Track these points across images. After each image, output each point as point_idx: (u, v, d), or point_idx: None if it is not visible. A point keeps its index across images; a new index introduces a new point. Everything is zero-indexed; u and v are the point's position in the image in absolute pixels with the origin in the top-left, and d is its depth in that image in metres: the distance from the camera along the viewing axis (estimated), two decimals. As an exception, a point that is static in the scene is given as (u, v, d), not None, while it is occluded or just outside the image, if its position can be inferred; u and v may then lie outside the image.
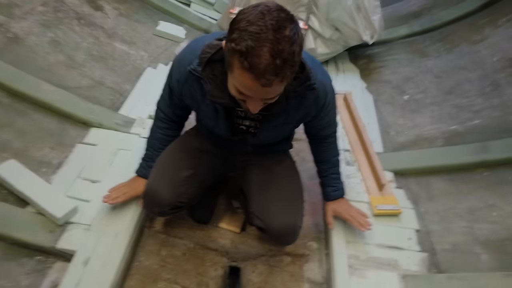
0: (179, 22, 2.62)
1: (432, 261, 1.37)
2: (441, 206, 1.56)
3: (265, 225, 1.23)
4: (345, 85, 2.35)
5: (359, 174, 1.71)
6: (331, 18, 2.29)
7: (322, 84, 1.09)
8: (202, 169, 1.31)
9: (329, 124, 1.27)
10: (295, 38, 0.78)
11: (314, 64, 1.08)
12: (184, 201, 1.26)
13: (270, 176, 1.31)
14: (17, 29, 1.86)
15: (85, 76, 1.90)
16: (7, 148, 1.46)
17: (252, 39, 0.76)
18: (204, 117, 1.19)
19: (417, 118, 2.02)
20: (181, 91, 1.16)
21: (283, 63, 0.77)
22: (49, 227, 1.29)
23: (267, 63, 0.77)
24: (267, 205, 1.24)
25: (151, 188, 1.24)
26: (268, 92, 0.86)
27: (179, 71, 1.12)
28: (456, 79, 2.16)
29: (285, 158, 1.41)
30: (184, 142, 1.37)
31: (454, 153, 1.71)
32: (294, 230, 1.24)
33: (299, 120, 1.19)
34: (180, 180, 1.25)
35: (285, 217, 1.22)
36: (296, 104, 1.09)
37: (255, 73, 0.78)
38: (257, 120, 1.17)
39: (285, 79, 0.82)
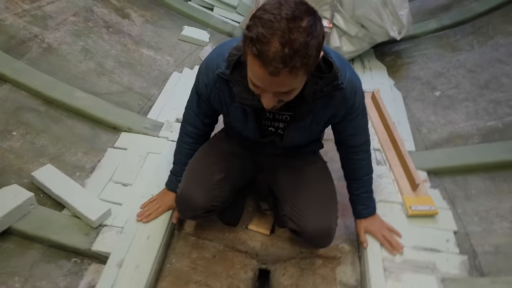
0: (203, 26, 2.65)
1: (473, 264, 1.30)
2: (480, 206, 1.48)
3: (299, 228, 1.20)
4: (373, 83, 2.29)
5: (390, 173, 1.65)
6: (357, 15, 2.25)
7: (350, 83, 1.06)
8: (233, 172, 1.31)
9: (359, 130, 1.23)
10: (311, 30, 0.76)
11: (342, 63, 1.05)
12: (217, 204, 1.26)
13: (302, 178, 1.29)
14: (51, 39, 1.94)
15: (114, 82, 1.95)
16: (44, 153, 1.52)
17: (263, 26, 0.76)
18: (233, 119, 1.19)
19: (450, 114, 1.94)
20: (209, 96, 1.17)
21: (292, 53, 0.75)
22: (84, 230, 1.32)
23: (275, 51, 0.75)
24: (301, 208, 1.21)
25: (184, 193, 1.24)
26: (278, 84, 0.83)
27: (207, 76, 1.12)
28: (491, 73, 2.06)
29: (317, 159, 1.38)
30: (214, 146, 1.37)
31: (493, 150, 1.63)
32: (329, 233, 1.21)
33: (327, 121, 1.16)
34: (212, 184, 1.25)
35: (320, 219, 1.19)
36: (324, 104, 1.07)
37: (262, 59, 0.77)
38: (285, 122, 1.16)
39: (295, 70, 0.79)
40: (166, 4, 2.66)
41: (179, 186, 1.28)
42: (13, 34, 1.85)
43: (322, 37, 0.81)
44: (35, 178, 1.39)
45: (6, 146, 1.48)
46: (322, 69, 0.99)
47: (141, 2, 2.56)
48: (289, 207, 1.25)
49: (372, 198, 1.36)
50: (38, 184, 1.40)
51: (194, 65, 2.29)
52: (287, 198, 1.27)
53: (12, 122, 1.56)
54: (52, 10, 2.07)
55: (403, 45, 2.62)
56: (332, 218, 1.23)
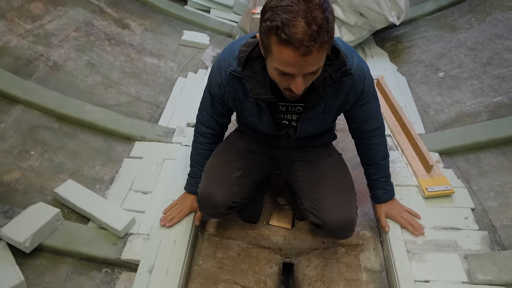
0: (202, 29, 2.67)
1: (494, 239, 1.33)
2: (495, 182, 1.50)
3: (321, 221, 1.23)
4: (376, 70, 2.31)
5: (403, 158, 1.68)
6: (354, 4, 2.26)
7: (359, 69, 1.09)
8: (251, 168, 1.34)
9: (371, 116, 1.24)
10: (325, 5, 0.81)
11: (349, 50, 1.08)
12: (238, 201, 1.29)
13: (319, 172, 1.31)
14: (56, 57, 1.96)
15: (122, 93, 1.98)
16: (64, 169, 1.55)
17: (285, 11, 0.79)
18: (249, 115, 1.22)
19: (456, 94, 1.96)
20: (223, 95, 1.20)
21: (319, 28, 0.80)
22: (112, 240, 1.36)
23: (304, 31, 0.79)
24: (321, 201, 1.24)
25: (205, 192, 1.27)
26: (310, 63, 0.86)
27: (220, 75, 1.16)
28: (493, 49, 2.07)
29: (331, 152, 1.41)
30: (230, 145, 1.40)
31: (502, 126, 1.65)
32: (350, 223, 1.23)
33: (339, 109, 1.18)
34: (232, 181, 1.28)
35: (341, 211, 1.22)
36: (334, 92, 1.10)
37: (293, 43, 0.80)
38: (298, 113, 1.18)
39: (324, 45, 0.83)
40: (163, 10, 2.68)
41: (199, 186, 1.31)
42: (19, 55, 1.87)
43: (332, 10, 0.85)
44: (58, 194, 1.42)
45: (26, 166, 1.51)
46: (330, 56, 1.01)
47: (139, 11, 2.58)
48: (309, 201, 1.27)
49: (390, 182, 1.38)
50: (62, 200, 1.44)
51: (198, 69, 2.31)
52: (306, 192, 1.30)
53: (29, 142, 1.59)
54: (54, 27, 2.10)
55: (402, 29, 2.63)
56: (352, 209, 1.25)
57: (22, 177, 1.47)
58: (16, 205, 1.35)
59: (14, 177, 1.45)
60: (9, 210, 1.32)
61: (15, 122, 1.63)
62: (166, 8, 2.70)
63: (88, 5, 2.37)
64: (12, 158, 1.51)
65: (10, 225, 1.25)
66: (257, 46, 1.02)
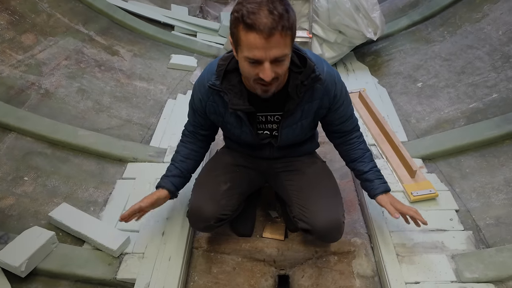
0: (189, 52, 2.76)
1: (479, 238, 1.38)
2: (476, 183, 1.57)
3: (310, 226, 1.27)
4: (358, 83, 2.41)
5: (388, 165, 1.74)
6: (333, 23, 2.38)
7: (329, 75, 1.18)
8: (239, 181, 1.39)
9: (347, 117, 1.30)
10: (287, 2, 0.95)
11: (317, 59, 1.18)
12: (227, 213, 1.32)
13: (305, 179, 1.37)
14: (48, 85, 2.02)
15: (113, 117, 2.03)
16: (57, 193, 1.57)
17: (250, 3, 0.93)
18: (230, 128, 1.28)
19: (435, 102, 2.06)
20: (205, 109, 1.27)
21: (279, 16, 0.92)
22: (107, 261, 1.37)
23: (266, 16, 0.91)
24: (308, 207, 1.29)
25: (194, 206, 1.31)
26: (274, 46, 0.94)
27: (200, 91, 1.24)
28: (465, 59, 2.19)
29: (315, 160, 1.46)
30: (217, 160, 1.46)
31: (479, 130, 1.73)
32: (338, 225, 1.27)
33: (316, 114, 1.24)
34: (220, 194, 1.32)
35: (328, 214, 1.26)
36: (309, 98, 1.17)
37: (257, 26, 0.91)
38: (277, 122, 1.25)
39: (285, 31, 0.93)
40: (151, 36, 2.77)
41: (189, 201, 1.34)
42: (11, 84, 1.92)
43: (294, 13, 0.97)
44: (52, 218, 1.44)
45: (20, 192, 1.53)
46: (298, 64, 1.12)
47: (127, 38, 2.66)
48: (297, 208, 1.32)
49: (381, 174, 1.36)
50: (56, 223, 1.45)
51: (187, 90, 2.38)
52: (294, 200, 1.34)
53: (22, 168, 1.62)
54: (45, 57, 2.16)
55: (380, 44, 2.76)
56: (339, 211, 1.29)
57: (16, 203, 1.48)
58: (10, 230, 1.37)
59: (8, 203, 1.47)
60: (3, 236, 1.33)
61: (8, 149, 1.65)
62: (154, 34, 2.80)
63: (78, 35, 2.45)
64: (6, 184, 1.53)
65: (5, 250, 1.26)
66: (233, 59, 1.12)
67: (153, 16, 2.94)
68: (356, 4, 2.34)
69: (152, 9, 3.04)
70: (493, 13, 2.35)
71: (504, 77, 1.95)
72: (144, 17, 2.91)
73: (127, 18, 2.80)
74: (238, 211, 1.41)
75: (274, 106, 1.20)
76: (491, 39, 2.19)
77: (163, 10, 3.07)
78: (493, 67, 2.04)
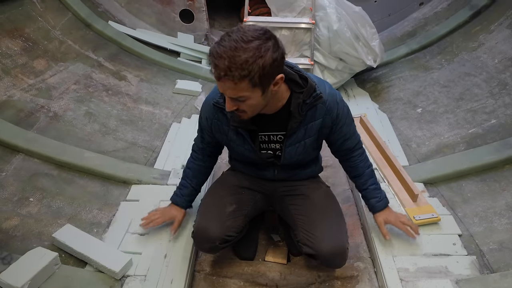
0: (194, 78, 2.84)
1: (483, 263, 1.37)
2: (478, 208, 1.58)
3: (315, 251, 1.27)
4: (359, 109, 2.46)
5: (390, 189, 1.75)
6: (334, 51, 2.47)
7: (331, 96, 1.22)
8: (244, 203, 1.41)
9: (350, 135, 1.34)
10: (255, 51, 0.96)
11: (320, 81, 1.24)
12: (232, 234, 1.33)
13: (310, 203, 1.38)
14: (56, 108, 2.07)
15: (119, 139, 2.07)
16: (61, 214, 1.59)
17: (218, 44, 0.99)
18: (234, 145, 1.32)
19: (435, 128, 2.09)
20: (211, 127, 1.33)
21: (234, 66, 0.96)
22: (109, 283, 1.36)
23: (220, 63, 0.97)
24: (313, 232, 1.30)
25: (199, 227, 1.33)
26: (226, 88, 1.02)
27: (207, 110, 1.31)
28: (463, 86, 2.25)
29: (320, 185, 1.48)
30: (223, 182, 1.49)
31: (479, 154, 1.76)
32: (343, 252, 1.28)
33: (319, 134, 1.28)
34: (226, 215, 1.34)
35: (333, 240, 1.27)
36: (311, 116, 1.22)
37: (213, 68, 1.00)
38: (280, 142, 1.29)
39: (235, 79, 0.98)
40: (158, 62, 2.87)
41: (194, 222, 1.36)
42: (21, 107, 1.98)
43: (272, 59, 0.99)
44: (56, 239, 1.45)
45: (25, 213, 1.54)
46: (301, 84, 1.17)
47: (135, 64, 2.75)
48: (302, 233, 1.33)
49: (381, 191, 1.43)
50: (59, 245, 1.45)
51: (191, 114, 2.44)
52: (299, 224, 1.35)
53: (28, 189, 1.64)
54: (55, 81, 2.23)
55: (380, 71, 2.83)
56: (344, 237, 1.30)
57: (20, 223, 1.49)
58: (14, 251, 1.37)
59: (12, 224, 1.48)
60: (7, 256, 1.33)
61: (15, 170, 1.68)
62: (161, 60, 2.89)
63: (87, 60, 2.54)
64: (12, 205, 1.55)
65: (8, 271, 1.26)
66: None
67: (160, 43, 3.05)
68: (356, 33, 2.43)
69: (159, 36, 3.15)
70: (488, 42, 2.43)
71: (502, 103, 1.99)
72: (152, 44, 3.01)
73: (135, 45, 2.91)
74: (243, 233, 1.42)
75: (277, 126, 1.24)
76: (488, 67, 2.25)
77: (170, 38, 3.18)
78: (490, 93, 2.09)
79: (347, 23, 2.40)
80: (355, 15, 2.45)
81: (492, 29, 2.49)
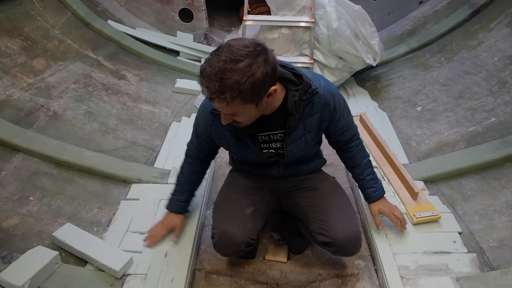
0: (194, 77, 2.83)
1: (483, 260, 1.38)
2: (478, 205, 1.58)
3: (330, 239, 1.28)
4: (358, 107, 2.46)
5: (390, 187, 1.75)
6: (334, 49, 2.47)
7: (327, 89, 1.22)
8: (259, 204, 1.40)
9: (347, 126, 1.34)
10: (245, 71, 0.96)
11: (314, 76, 1.23)
12: (254, 237, 1.33)
13: (319, 194, 1.39)
14: (56, 107, 2.07)
15: (119, 138, 2.06)
16: (61, 213, 1.58)
17: (208, 63, 0.98)
18: (236, 150, 1.32)
19: (434, 126, 2.09)
20: (210, 135, 1.31)
21: (224, 88, 0.96)
22: (109, 281, 1.36)
23: (209, 85, 0.97)
24: (327, 220, 1.31)
25: (223, 233, 1.31)
26: (219, 107, 1.04)
27: (205, 117, 1.29)
28: (463, 84, 2.25)
29: (326, 176, 1.50)
30: (234, 184, 1.48)
31: (479, 152, 1.76)
32: (358, 237, 1.30)
33: (318, 128, 1.28)
34: (247, 218, 1.34)
35: (348, 226, 1.29)
36: (309, 112, 1.21)
37: (202, 87, 1.00)
38: (281, 140, 1.28)
39: (226, 100, 0.98)
40: (157, 61, 2.86)
41: (216, 227, 1.34)
42: (21, 107, 1.98)
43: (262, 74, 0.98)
44: (56, 238, 1.44)
45: (25, 212, 1.54)
46: (296, 82, 1.16)
47: (134, 63, 2.75)
48: (315, 223, 1.33)
49: (378, 181, 1.45)
50: (60, 244, 1.45)
51: (191, 113, 2.43)
52: (311, 215, 1.35)
53: (28, 188, 1.63)
54: (54, 80, 2.23)
55: (380, 69, 2.84)
56: (357, 223, 1.33)
57: (20, 222, 1.49)
58: (14, 250, 1.37)
59: (13, 223, 1.48)
60: (7, 255, 1.33)
61: (15, 169, 1.68)
62: (160, 59, 2.89)
63: (87, 60, 2.53)
64: (12, 204, 1.55)
65: (9, 269, 1.26)
66: None
67: (160, 43, 3.04)
68: (356, 32, 2.43)
69: (159, 36, 3.15)
70: (488, 40, 2.43)
71: (502, 101, 1.99)
72: (151, 43, 3.01)
73: (134, 44, 2.91)
74: (260, 234, 1.43)
75: (276, 124, 1.24)
76: (487, 65, 2.26)
77: (169, 37, 3.18)
78: (490, 92, 2.09)
79: (347, 21, 2.40)
80: (354, 14, 2.45)
81: (491, 28, 2.49)
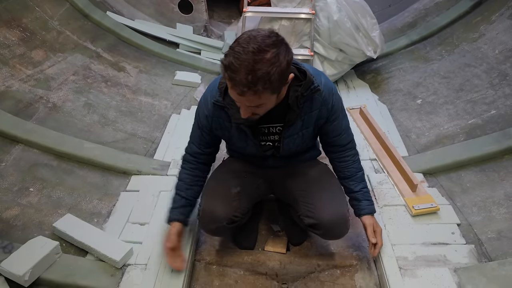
0: (193, 69, 2.83)
1: (481, 251, 1.38)
2: (477, 197, 1.58)
3: (316, 220, 1.29)
4: (358, 100, 2.45)
5: (389, 179, 1.76)
6: (334, 42, 2.45)
7: (327, 87, 1.24)
8: (248, 186, 1.41)
9: (343, 130, 1.34)
10: (274, 61, 0.96)
11: (316, 72, 1.24)
12: (238, 215, 1.34)
13: (308, 178, 1.40)
14: (55, 99, 2.07)
15: (118, 130, 2.06)
16: (61, 204, 1.59)
17: (234, 56, 0.96)
18: (236, 141, 1.33)
19: (434, 118, 2.09)
20: (211, 125, 1.31)
21: (256, 80, 0.95)
22: (110, 271, 1.37)
23: (241, 78, 0.95)
24: (313, 202, 1.32)
25: (207, 208, 1.33)
26: (246, 101, 1.03)
27: (207, 108, 1.28)
28: (463, 76, 2.24)
29: (317, 162, 1.51)
30: (226, 167, 1.50)
31: (479, 145, 1.76)
32: (344, 219, 1.31)
33: (315, 125, 1.29)
34: (232, 196, 1.35)
35: (334, 207, 1.30)
36: (308, 108, 1.22)
37: (232, 83, 0.98)
38: (279, 134, 1.29)
39: (258, 93, 0.98)
40: (157, 53, 2.85)
41: (200, 204, 1.36)
42: (20, 98, 1.97)
43: (287, 63, 1.00)
44: (56, 228, 1.45)
45: (25, 203, 1.55)
46: (299, 77, 1.17)
47: (133, 55, 2.74)
48: (303, 206, 1.35)
49: (370, 196, 1.41)
50: (60, 234, 1.46)
51: (191, 106, 2.43)
52: (300, 199, 1.36)
53: (28, 179, 1.64)
54: (53, 72, 2.22)
55: (380, 62, 2.82)
56: (344, 205, 1.33)
57: (21, 213, 1.50)
58: (15, 240, 1.37)
59: (13, 214, 1.49)
60: (8, 245, 1.34)
61: (15, 160, 1.68)
62: (160, 51, 2.87)
63: (86, 51, 2.52)
64: (12, 195, 1.55)
65: (10, 259, 1.27)
66: None
67: (159, 35, 3.03)
68: (356, 24, 2.41)
69: (158, 27, 3.13)
70: (489, 33, 2.42)
71: (502, 94, 1.99)
72: (150, 35, 2.99)
73: (133, 36, 2.89)
74: (247, 215, 1.43)
75: (276, 117, 1.25)
76: (488, 58, 2.25)
77: (169, 29, 3.16)
78: (490, 84, 2.08)
79: (347, 13, 2.39)
80: (355, 6, 2.43)
81: (493, 20, 2.47)
